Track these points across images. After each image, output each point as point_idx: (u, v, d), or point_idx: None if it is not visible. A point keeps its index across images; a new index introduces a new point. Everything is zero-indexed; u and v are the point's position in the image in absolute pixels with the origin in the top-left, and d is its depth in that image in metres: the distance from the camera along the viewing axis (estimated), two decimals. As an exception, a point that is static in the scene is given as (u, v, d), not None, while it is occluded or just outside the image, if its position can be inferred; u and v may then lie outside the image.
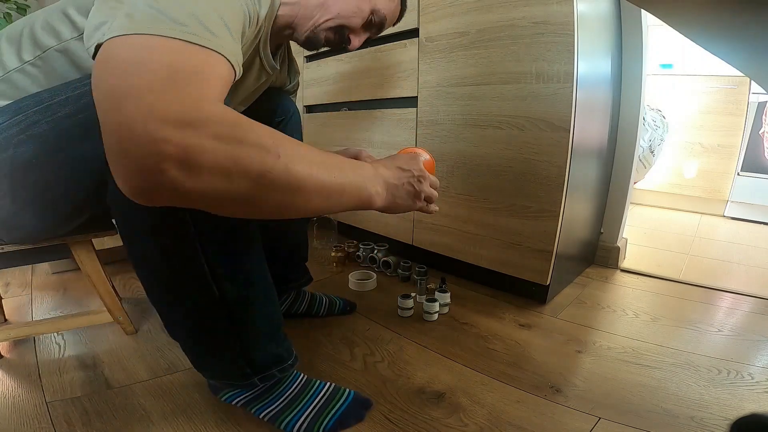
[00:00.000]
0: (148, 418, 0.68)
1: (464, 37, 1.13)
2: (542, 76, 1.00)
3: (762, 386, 0.80)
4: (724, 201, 2.31)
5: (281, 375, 0.65)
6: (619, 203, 1.43)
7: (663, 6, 0.45)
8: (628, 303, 1.18)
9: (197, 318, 0.58)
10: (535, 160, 1.04)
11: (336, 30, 0.75)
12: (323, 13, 0.73)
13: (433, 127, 1.24)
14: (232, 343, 0.60)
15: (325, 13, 0.73)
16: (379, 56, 1.37)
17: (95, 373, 0.80)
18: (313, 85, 1.68)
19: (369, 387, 0.78)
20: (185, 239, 0.52)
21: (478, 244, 1.20)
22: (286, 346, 0.67)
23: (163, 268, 0.54)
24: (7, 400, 0.71)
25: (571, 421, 0.70)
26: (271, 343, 0.64)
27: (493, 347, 0.93)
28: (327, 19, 0.73)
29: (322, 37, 0.75)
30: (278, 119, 0.88)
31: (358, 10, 0.75)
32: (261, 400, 0.66)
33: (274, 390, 0.66)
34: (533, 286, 1.14)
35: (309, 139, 1.74)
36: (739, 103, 2.18)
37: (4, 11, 1.58)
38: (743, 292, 1.25)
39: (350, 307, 1.05)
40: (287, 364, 0.66)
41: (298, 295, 1.01)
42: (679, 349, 0.93)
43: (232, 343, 0.60)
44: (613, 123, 1.34)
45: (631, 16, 1.28)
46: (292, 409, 0.65)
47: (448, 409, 0.73)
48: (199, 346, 0.62)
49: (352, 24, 0.75)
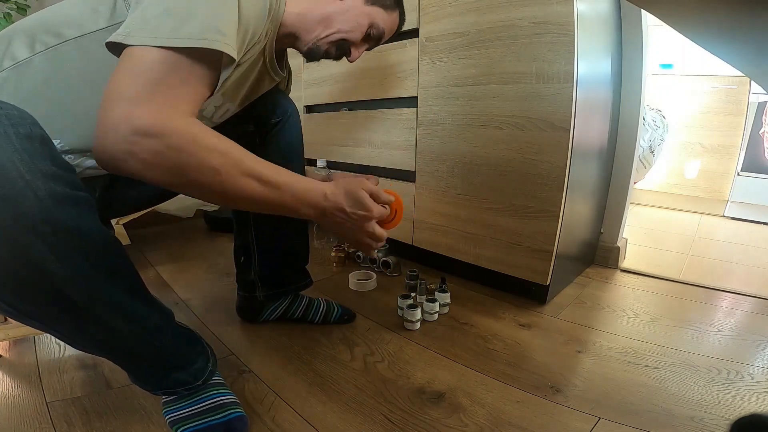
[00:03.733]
0: (148, 418, 0.68)
1: (464, 37, 1.13)
2: (542, 76, 1.00)
3: (762, 386, 0.80)
4: (724, 201, 2.30)
5: (187, 392, 0.65)
6: (619, 203, 1.43)
7: (663, 6, 0.45)
8: (628, 303, 1.18)
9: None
10: (535, 160, 1.04)
11: (337, 44, 0.78)
12: (325, 27, 0.75)
13: (433, 127, 1.24)
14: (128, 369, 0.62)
15: (327, 28, 0.75)
16: (379, 56, 1.37)
17: (95, 373, 0.80)
18: (313, 85, 1.68)
19: (369, 387, 0.79)
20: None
21: (478, 244, 1.20)
22: (193, 371, 0.64)
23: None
24: (7, 400, 0.71)
25: (571, 421, 0.70)
26: (173, 372, 0.62)
27: (493, 347, 0.93)
28: (328, 33, 0.75)
29: (324, 50, 0.78)
30: (276, 120, 0.88)
31: (358, 25, 0.77)
32: (170, 404, 0.66)
33: (185, 399, 0.65)
34: (533, 286, 1.14)
35: (309, 139, 1.74)
36: (739, 103, 2.18)
37: (4, 11, 1.58)
38: (743, 292, 1.25)
39: (348, 316, 1.02)
40: (195, 385, 0.64)
41: (295, 299, 1.00)
42: (679, 349, 0.93)
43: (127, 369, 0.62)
44: (613, 123, 1.34)
45: (631, 16, 1.28)
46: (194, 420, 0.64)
47: (448, 409, 0.73)
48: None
49: (352, 38, 0.78)
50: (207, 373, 0.66)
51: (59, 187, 0.43)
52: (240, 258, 0.96)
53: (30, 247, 0.41)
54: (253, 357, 0.88)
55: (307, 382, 0.80)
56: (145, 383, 0.63)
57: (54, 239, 0.43)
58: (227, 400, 0.67)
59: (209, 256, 1.51)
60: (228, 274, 1.29)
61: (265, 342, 0.94)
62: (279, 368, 0.84)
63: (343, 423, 0.69)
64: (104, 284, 0.50)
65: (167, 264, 1.42)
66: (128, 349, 0.58)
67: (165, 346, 0.61)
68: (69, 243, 0.44)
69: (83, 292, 0.47)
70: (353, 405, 0.74)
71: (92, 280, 0.48)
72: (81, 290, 0.47)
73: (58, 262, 0.44)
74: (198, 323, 1.01)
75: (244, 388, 0.77)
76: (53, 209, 0.42)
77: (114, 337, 0.55)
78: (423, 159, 1.29)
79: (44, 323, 0.51)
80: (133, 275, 0.56)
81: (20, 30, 0.59)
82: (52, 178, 0.42)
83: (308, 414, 0.71)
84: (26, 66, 0.57)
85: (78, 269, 0.46)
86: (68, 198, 0.44)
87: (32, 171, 0.41)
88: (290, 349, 0.91)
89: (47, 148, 0.43)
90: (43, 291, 0.45)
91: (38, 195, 0.41)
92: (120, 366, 0.61)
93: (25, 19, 0.61)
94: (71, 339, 0.55)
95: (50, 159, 0.43)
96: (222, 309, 1.07)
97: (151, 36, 0.47)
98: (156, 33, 0.48)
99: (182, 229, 1.86)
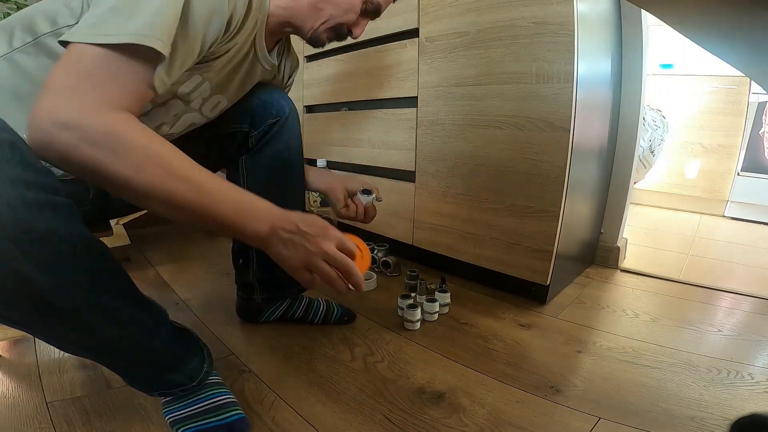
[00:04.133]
0: (148, 418, 0.68)
1: (464, 37, 1.13)
2: (542, 76, 1.00)
3: (762, 386, 0.80)
4: (724, 201, 2.30)
5: (184, 393, 0.65)
6: (619, 203, 1.43)
7: (663, 6, 0.45)
8: (628, 303, 1.18)
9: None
10: (536, 160, 1.04)
11: (334, 29, 0.76)
12: (317, 16, 0.73)
13: (433, 127, 1.24)
14: (124, 372, 0.61)
15: (319, 16, 0.73)
16: (379, 56, 1.37)
17: (95, 373, 0.80)
18: (313, 85, 1.68)
19: (369, 387, 0.78)
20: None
21: (478, 244, 1.20)
22: (188, 372, 0.64)
23: None
24: (7, 400, 0.71)
25: (571, 421, 0.70)
26: (167, 374, 0.62)
27: (493, 347, 0.93)
28: (323, 21, 0.74)
29: (323, 38, 0.77)
30: (273, 120, 0.85)
31: (350, 6, 0.75)
32: (169, 405, 0.66)
33: (183, 399, 0.65)
34: (533, 286, 1.14)
35: (309, 139, 1.75)
36: (739, 103, 2.18)
37: (4, 11, 1.58)
38: (743, 292, 1.25)
39: (348, 316, 1.02)
40: (191, 386, 0.64)
41: (295, 299, 1.00)
42: (679, 349, 0.93)
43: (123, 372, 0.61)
44: (613, 123, 1.34)
45: (631, 16, 1.28)
46: (196, 421, 0.64)
47: (448, 409, 0.73)
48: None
49: (347, 20, 0.76)
50: (202, 374, 0.66)
51: (32, 193, 0.41)
52: (239, 260, 0.96)
53: (8, 258, 0.40)
54: (253, 357, 0.88)
55: (307, 382, 0.80)
56: (139, 385, 0.63)
57: (31, 248, 0.41)
58: (226, 401, 0.67)
59: (209, 256, 1.51)
60: (228, 274, 1.29)
61: (265, 342, 0.94)
62: (279, 368, 0.84)
63: (343, 423, 0.69)
64: (90, 289, 0.49)
65: (167, 264, 1.42)
66: (118, 352, 0.57)
67: (157, 348, 0.60)
68: (48, 250, 0.43)
69: (68, 299, 0.46)
70: (353, 405, 0.74)
71: (76, 286, 0.47)
72: (65, 297, 0.46)
73: (38, 270, 0.42)
74: (198, 323, 1.01)
75: (244, 388, 0.77)
76: (27, 217, 0.40)
77: (103, 341, 0.54)
78: (423, 159, 1.29)
79: (31, 329, 0.50)
80: (120, 278, 0.55)
81: (6, 24, 0.59)
82: (24, 184, 0.40)
83: (308, 414, 0.71)
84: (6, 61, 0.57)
85: (60, 276, 0.45)
86: (43, 204, 0.42)
87: (0, 178, 0.39)
88: (290, 349, 0.91)
89: (17, 152, 0.41)
90: (26, 299, 0.44)
91: (9, 203, 0.39)
92: (112, 370, 0.60)
93: (13, 15, 0.61)
94: (59, 344, 0.55)
95: (21, 164, 0.41)
96: (222, 309, 1.07)
97: (91, 34, 0.47)
98: (95, 30, 0.48)
99: (182, 229, 1.86)
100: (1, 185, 0.39)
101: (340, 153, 1.60)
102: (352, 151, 1.54)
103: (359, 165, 1.53)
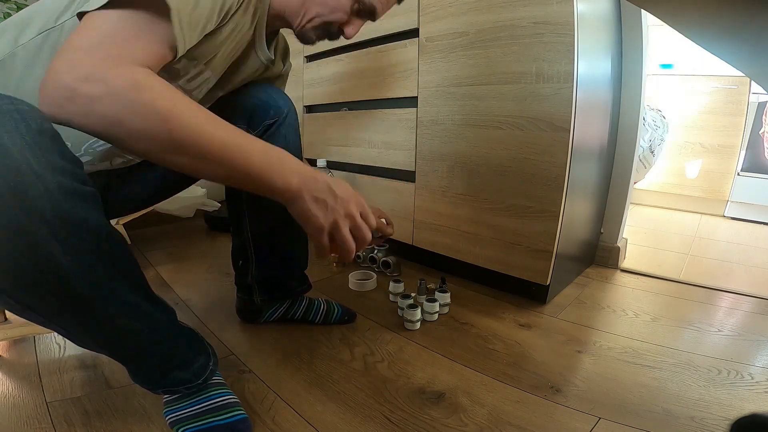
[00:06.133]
0: (148, 418, 0.68)
1: (464, 37, 1.13)
2: (542, 76, 1.00)
3: (762, 386, 0.80)
4: (724, 201, 2.30)
5: (188, 392, 0.65)
6: (619, 203, 1.43)
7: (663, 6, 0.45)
8: (628, 303, 1.18)
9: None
10: (536, 160, 1.04)
11: (321, 28, 0.74)
12: (305, 13, 0.72)
13: (433, 127, 1.24)
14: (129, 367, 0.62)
15: (306, 13, 0.72)
16: (379, 56, 1.37)
17: (95, 373, 0.80)
18: (313, 85, 1.68)
19: (369, 387, 0.78)
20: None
21: (478, 244, 1.20)
22: (194, 370, 0.64)
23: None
24: (7, 400, 0.71)
25: (571, 421, 0.70)
26: (174, 371, 0.63)
27: (493, 347, 0.93)
28: (309, 19, 0.73)
29: (311, 35, 0.75)
30: (270, 120, 0.84)
31: (338, 4, 0.72)
32: (171, 404, 0.66)
33: (186, 399, 0.66)
34: (533, 286, 1.14)
35: (309, 139, 1.75)
36: (739, 103, 2.18)
37: (4, 11, 1.58)
38: (743, 292, 1.25)
39: (348, 316, 1.02)
40: (196, 384, 0.65)
41: (295, 300, 1.00)
42: (679, 349, 0.93)
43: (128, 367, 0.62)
44: (613, 123, 1.34)
45: (631, 16, 1.28)
46: (196, 421, 0.64)
47: (448, 409, 0.73)
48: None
49: (334, 19, 0.73)
50: (208, 372, 0.66)
51: (68, 180, 0.43)
52: (238, 261, 0.96)
53: (39, 238, 0.41)
54: (253, 357, 0.88)
55: (307, 382, 0.80)
56: (146, 381, 0.63)
57: (63, 231, 0.43)
58: (229, 401, 0.67)
59: (209, 256, 1.51)
60: (228, 274, 1.29)
61: (265, 342, 0.94)
62: (279, 368, 0.84)
63: (343, 423, 0.69)
64: (110, 279, 0.50)
65: (167, 264, 1.42)
66: (131, 346, 0.58)
67: (167, 344, 0.61)
68: (77, 236, 0.45)
69: (88, 286, 0.48)
70: (353, 405, 0.74)
71: (98, 274, 0.48)
72: (86, 283, 0.47)
73: (65, 253, 0.44)
74: (198, 323, 1.01)
75: (244, 388, 0.77)
76: (62, 202, 0.42)
77: (117, 333, 0.54)
78: (423, 159, 1.29)
79: (47, 317, 0.51)
80: (137, 272, 0.56)
81: (11, 23, 0.59)
82: (61, 172, 0.43)
83: (308, 414, 0.71)
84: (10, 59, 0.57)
85: (84, 262, 0.46)
86: (76, 192, 0.44)
87: (42, 165, 0.41)
88: (290, 349, 0.91)
89: (56, 143, 0.44)
90: (50, 284, 0.45)
91: (48, 188, 0.41)
92: (121, 363, 0.61)
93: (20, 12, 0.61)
94: (73, 334, 0.55)
95: (59, 153, 0.44)
96: (222, 309, 1.07)
97: (108, 1, 0.48)
98: None
99: (182, 229, 1.86)
100: (43, 171, 0.41)
101: (340, 153, 1.60)
102: (352, 151, 1.54)
103: (359, 165, 1.53)
